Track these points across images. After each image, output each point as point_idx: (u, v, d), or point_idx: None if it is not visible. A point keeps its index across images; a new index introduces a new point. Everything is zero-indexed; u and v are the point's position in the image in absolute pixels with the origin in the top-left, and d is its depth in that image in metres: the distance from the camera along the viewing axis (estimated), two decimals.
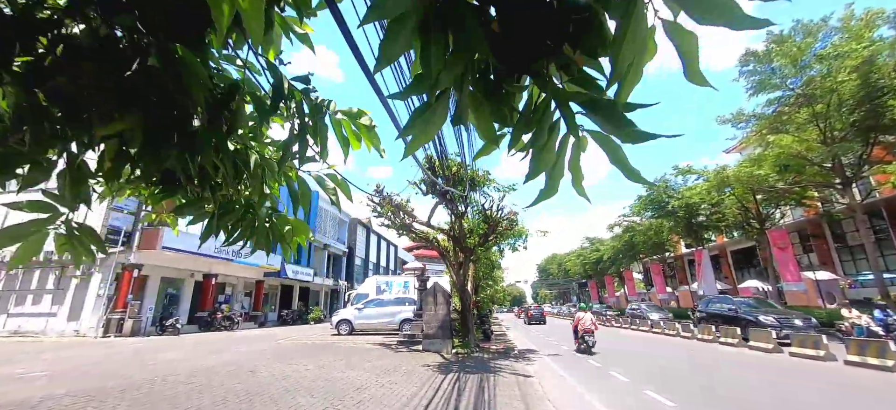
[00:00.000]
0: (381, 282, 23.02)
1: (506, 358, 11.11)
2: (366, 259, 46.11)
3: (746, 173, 20.12)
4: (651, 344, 14.80)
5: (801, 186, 20.32)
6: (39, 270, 17.90)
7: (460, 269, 13.29)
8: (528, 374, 8.99)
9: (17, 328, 17.29)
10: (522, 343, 16.89)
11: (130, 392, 5.30)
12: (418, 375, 8.06)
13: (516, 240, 14.12)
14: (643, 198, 29.87)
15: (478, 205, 12.53)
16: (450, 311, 12.47)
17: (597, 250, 44.87)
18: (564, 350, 13.97)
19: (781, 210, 24.99)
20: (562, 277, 70.86)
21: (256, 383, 6.35)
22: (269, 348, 11.53)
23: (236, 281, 25.28)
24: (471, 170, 9.39)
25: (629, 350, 13.18)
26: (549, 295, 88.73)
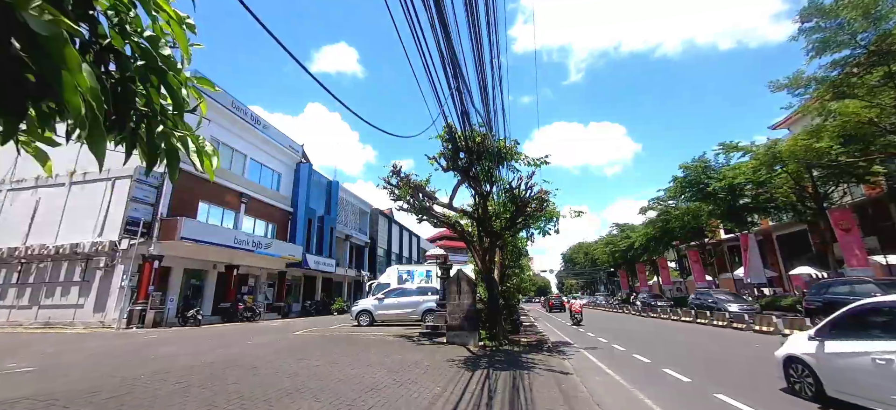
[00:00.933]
0: (403, 272, 22.27)
1: (539, 352, 10.02)
2: (388, 249, 45.74)
3: (803, 146, 17.95)
4: (727, 343, 12.48)
5: (868, 160, 17.99)
6: (67, 263, 18.10)
7: (486, 256, 12.21)
8: (567, 371, 7.88)
9: (47, 319, 17.56)
10: (555, 335, 15.72)
11: (105, 392, 4.59)
12: (441, 372, 7.10)
13: (547, 224, 12.88)
14: (679, 180, 27.72)
15: (504, 184, 11.36)
16: (475, 301, 11.46)
17: (627, 237, 42.58)
18: (603, 342, 12.72)
19: (843, 188, 22.47)
20: (589, 266, 68.52)
21: (255, 382, 5.54)
22: (284, 340, 10.88)
23: (259, 272, 25.16)
24: (498, 140, 8.27)
25: (687, 344, 11.77)
26: (576, 285, 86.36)
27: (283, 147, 27.30)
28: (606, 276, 66.52)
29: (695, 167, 26.28)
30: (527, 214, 11.82)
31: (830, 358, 5.25)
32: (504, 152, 8.76)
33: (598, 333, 15.67)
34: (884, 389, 4.45)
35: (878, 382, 4.54)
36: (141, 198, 16.89)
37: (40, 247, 18.48)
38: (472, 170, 9.71)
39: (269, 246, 22.85)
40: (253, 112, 24.22)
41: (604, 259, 50.86)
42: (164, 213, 17.72)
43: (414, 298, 16.36)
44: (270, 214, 25.78)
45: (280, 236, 26.09)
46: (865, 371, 4.70)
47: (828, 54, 15.93)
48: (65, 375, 5.64)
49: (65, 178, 19.54)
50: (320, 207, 30.47)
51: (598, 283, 72.99)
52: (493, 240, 12.06)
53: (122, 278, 16.74)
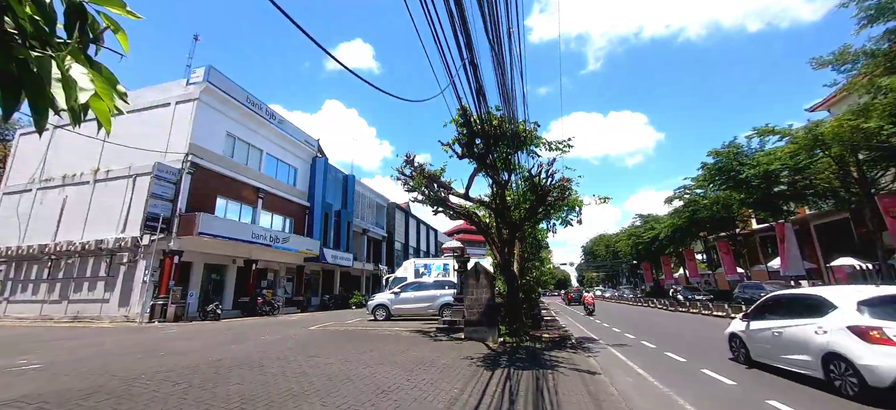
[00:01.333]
0: (420, 265, 21.96)
1: (562, 349, 9.45)
2: (406, 243, 45.65)
3: (849, 127, 16.53)
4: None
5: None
6: (93, 259, 18.54)
7: (505, 248, 11.66)
8: (594, 370, 7.31)
9: (76, 313, 18.05)
10: (578, 330, 15.07)
11: (101, 394, 4.34)
12: (459, 371, 6.65)
13: (569, 213, 12.20)
14: (709, 167, 26.27)
15: (523, 171, 10.74)
16: (494, 295, 10.95)
17: (652, 228, 41.05)
18: (631, 339, 12.02)
19: (894, 172, 20.73)
20: (610, 259, 66.83)
21: (260, 382, 5.22)
22: (298, 336, 10.67)
23: (278, 266, 25.33)
24: (516, 123, 7.67)
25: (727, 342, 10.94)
26: (596, 278, 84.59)
27: (299, 142, 27.31)
28: (629, 269, 64.75)
29: (726, 153, 24.82)
30: (547, 204, 11.19)
31: (753, 333, 7.48)
32: (523, 136, 8.15)
33: (625, 328, 14.93)
34: (776, 352, 6.81)
35: (774, 348, 6.88)
36: (160, 194, 17.04)
37: (68, 244, 19.00)
38: (489, 158, 9.15)
39: (287, 240, 22.91)
40: (268, 107, 24.22)
41: (626, 251, 49.36)
42: (183, 209, 17.87)
43: (431, 292, 15.97)
44: (287, 209, 25.87)
45: (297, 231, 26.18)
46: (768, 341, 7.00)
47: (881, 23, 14.52)
48: (68, 373, 5.47)
49: (90, 176, 20.01)
50: (337, 201, 30.47)
51: (619, 276, 71.18)
52: (512, 232, 11.50)
53: (144, 273, 17.01)
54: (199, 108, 19.23)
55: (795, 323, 6.46)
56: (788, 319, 6.67)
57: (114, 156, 19.49)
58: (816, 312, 6.19)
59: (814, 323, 6.07)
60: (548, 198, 10.89)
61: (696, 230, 35.26)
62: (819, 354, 5.84)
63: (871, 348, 5.17)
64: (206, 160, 19.52)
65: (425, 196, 11.26)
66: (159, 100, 20.09)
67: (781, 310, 7.03)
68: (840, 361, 5.53)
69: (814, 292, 6.86)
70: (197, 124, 19.08)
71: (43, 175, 21.39)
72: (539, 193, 10.47)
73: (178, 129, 19.07)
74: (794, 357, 6.40)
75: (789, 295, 7.40)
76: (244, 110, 22.24)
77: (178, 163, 18.30)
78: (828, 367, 5.74)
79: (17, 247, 20.17)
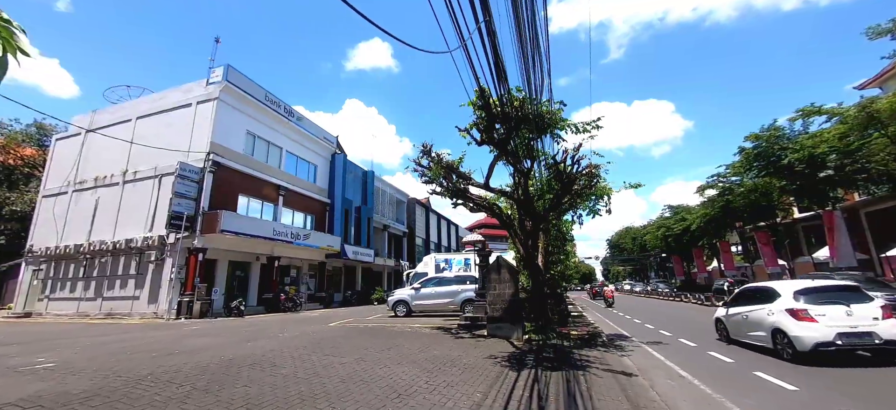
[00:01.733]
0: (441, 260, 21.56)
1: (593, 347, 8.82)
2: (427, 239, 45.44)
3: None
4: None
5: None
6: (123, 257, 19.10)
7: (528, 241, 11.06)
8: (630, 371, 6.67)
9: (109, 310, 18.65)
10: (608, 326, 14.30)
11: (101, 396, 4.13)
12: (482, 372, 6.17)
13: (596, 203, 11.46)
14: (747, 152, 24.61)
15: (547, 158, 10.08)
16: (518, 290, 10.39)
17: (682, 219, 39.13)
18: (667, 336, 11.20)
19: None
20: (637, 252, 64.53)
21: (269, 384, 4.91)
22: (316, 333, 10.44)
23: (300, 263, 25.54)
24: (539, 104, 7.05)
25: None
26: (623, 272, 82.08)
27: (318, 138, 27.37)
28: (657, 262, 62.38)
29: (766, 137, 23.16)
30: (574, 192, 10.50)
31: (730, 317, 9.28)
32: (547, 118, 7.51)
33: (659, 324, 14.04)
34: (745, 331, 8.57)
35: (743, 327, 8.63)
36: (183, 193, 17.30)
37: (100, 243, 19.65)
38: (511, 144, 8.56)
39: (307, 237, 22.99)
40: (286, 104, 24.32)
41: (655, 243, 47.40)
42: (206, 207, 18.11)
43: (452, 287, 15.54)
44: (308, 206, 26.00)
45: (318, 227, 26.30)
46: (740, 323, 8.78)
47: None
48: (77, 373, 5.33)
49: (119, 178, 20.61)
50: (357, 198, 30.46)
51: (647, 270, 68.72)
52: (535, 223, 10.88)
53: (170, 271, 17.35)
54: (219, 107, 19.42)
55: (756, 308, 8.27)
56: (752, 305, 8.48)
57: (141, 158, 20.00)
58: (769, 299, 7.98)
59: (766, 308, 7.90)
60: (574, 187, 10.20)
61: (732, 220, 33.32)
62: (769, 330, 7.70)
63: (800, 324, 7.07)
64: (227, 158, 19.73)
65: (443, 187, 10.79)
66: (182, 101, 20.43)
67: (748, 299, 8.87)
68: (781, 334, 7.38)
69: (768, 284, 8.74)
70: (217, 123, 19.28)
71: (77, 178, 22.22)
72: (564, 181, 9.80)
73: (200, 129, 19.33)
74: (754, 333, 8.25)
75: (753, 287, 9.33)
76: (263, 108, 22.38)
77: (200, 162, 18.56)
78: (774, 339, 7.58)
79: (56, 247, 21.04)
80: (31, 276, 21.80)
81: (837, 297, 7.30)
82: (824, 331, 6.79)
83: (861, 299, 7.24)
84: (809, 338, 6.84)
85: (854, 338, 6.73)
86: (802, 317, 7.07)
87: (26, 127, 30.20)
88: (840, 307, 7.06)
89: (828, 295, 7.40)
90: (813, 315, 7.00)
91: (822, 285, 7.77)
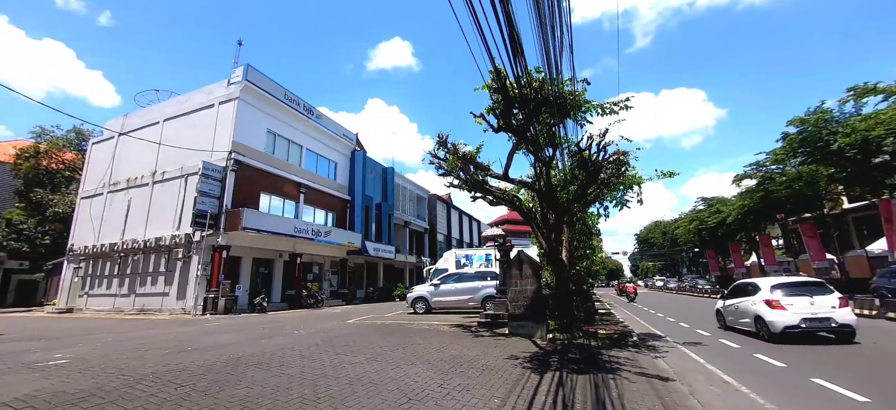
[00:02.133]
0: (461, 256, 21.14)
1: (623, 348, 8.17)
2: (448, 235, 45.13)
3: None
4: None
5: None
6: (154, 255, 19.71)
7: (551, 235, 10.46)
8: (666, 375, 6.05)
9: (142, 306, 19.32)
10: (638, 324, 13.48)
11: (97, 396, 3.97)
12: (502, 374, 5.71)
13: (625, 193, 10.71)
14: (791, 138, 22.81)
15: (571, 145, 9.42)
16: (541, 287, 9.83)
17: (717, 212, 37.06)
18: (706, 335, 10.35)
19: None
20: (667, 247, 61.95)
21: (272, 385, 4.64)
22: (332, 330, 10.25)
23: (322, 260, 25.75)
24: (560, 84, 6.44)
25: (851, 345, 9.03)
26: (653, 267, 79.17)
27: (338, 136, 27.46)
28: (690, 257, 59.67)
29: (812, 121, 21.37)
30: (600, 183, 9.81)
31: (726, 308, 11.07)
32: (569, 100, 6.89)
33: (695, 323, 13.09)
34: (736, 319, 10.42)
35: (734, 316, 10.51)
36: (207, 191, 17.62)
37: (133, 242, 20.37)
38: (530, 131, 8.00)
39: (328, 233, 23.08)
40: (306, 103, 24.47)
41: (687, 238, 45.22)
42: (229, 205, 18.40)
43: (472, 284, 15.09)
44: (329, 203, 26.14)
45: (339, 224, 26.42)
46: (732, 312, 10.64)
47: None
48: (84, 370, 5.28)
49: (148, 178, 21.29)
50: (377, 194, 30.44)
51: (679, 265, 65.87)
52: (559, 216, 10.25)
53: (197, 268, 17.74)
54: (239, 107, 19.69)
55: (744, 299, 10.04)
56: (741, 298, 10.26)
57: (168, 159, 20.57)
58: (753, 293, 9.74)
59: (750, 299, 9.66)
60: (600, 176, 9.51)
61: (772, 212, 31.19)
62: (752, 316, 9.47)
63: (773, 311, 8.82)
64: (248, 157, 20.00)
65: (461, 180, 10.33)
66: (205, 102, 20.86)
67: (739, 293, 10.57)
68: (760, 320, 9.12)
69: (753, 280, 10.54)
70: (238, 122, 19.55)
71: (111, 179, 23.15)
72: (590, 170, 9.12)
73: (223, 128, 19.66)
74: (743, 320, 9.99)
75: (742, 283, 11.05)
76: (283, 106, 22.58)
77: (223, 161, 18.87)
78: (757, 324, 9.32)
79: (93, 246, 22.02)
80: (72, 274, 22.94)
81: (804, 291, 9.02)
82: (791, 317, 8.58)
83: (823, 292, 8.93)
84: (780, 322, 8.65)
85: (816, 322, 8.50)
86: (776, 306, 8.88)
87: (67, 133, 31.90)
88: (805, 298, 8.80)
89: (797, 288, 9.18)
90: (784, 304, 8.81)
91: (793, 281, 9.70)
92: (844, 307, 8.61)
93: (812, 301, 8.71)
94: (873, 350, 7.99)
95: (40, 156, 28.38)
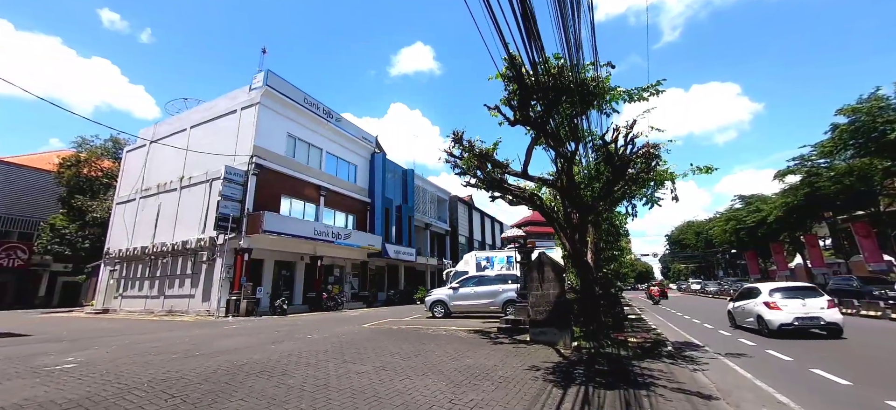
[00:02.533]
0: (482, 258, 20.62)
1: (656, 358, 7.44)
2: (470, 237, 44.57)
3: None
4: None
5: None
6: (181, 258, 20.23)
7: (575, 235, 9.81)
8: (709, 393, 5.33)
9: (170, 308, 19.84)
10: (672, 331, 12.53)
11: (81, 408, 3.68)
12: (520, 388, 5.18)
13: (655, 191, 9.92)
14: (842, 129, 21.00)
15: (595, 138, 8.76)
16: (564, 290, 9.20)
17: (757, 210, 34.75)
18: (751, 346, 9.38)
19: None
20: (702, 248, 58.89)
21: (267, 398, 4.34)
22: (346, 334, 9.97)
23: (343, 262, 25.79)
24: (581, 69, 5.83)
25: None
26: (685, 270, 75.58)
27: (357, 138, 27.51)
28: (726, 259, 56.51)
29: (866, 109, 19.57)
30: (627, 179, 9.09)
31: (736, 309, 12.69)
32: (592, 87, 6.26)
33: (736, 331, 12.02)
34: (742, 318, 12.03)
35: (741, 315, 12.17)
36: (229, 195, 17.88)
37: (162, 245, 21.00)
38: (550, 124, 7.42)
39: (348, 236, 23.06)
40: (325, 106, 24.62)
41: (723, 238, 42.73)
42: (250, 209, 18.62)
43: (493, 287, 14.55)
44: (349, 205, 26.18)
45: (359, 227, 26.41)
46: (740, 312, 12.27)
47: None
48: (83, 377, 5.16)
49: (177, 184, 21.92)
50: (397, 197, 30.31)
51: (714, 267, 62.52)
52: (583, 215, 9.60)
53: (220, 270, 18.02)
54: (260, 112, 19.95)
55: (749, 302, 11.56)
56: (747, 300, 11.79)
57: (195, 164, 21.09)
58: (755, 296, 11.29)
59: (754, 301, 11.22)
60: (628, 172, 8.81)
61: (819, 209, 28.88)
62: (755, 316, 11.02)
63: (771, 311, 10.42)
64: (269, 160, 20.23)
65: (478, 178, 9.85)
66: (228, 107, 21.29)
67: (746, 296, 12.10)
68: (761, 318, 10.71)
69: (755, 286, 12.09)
70: (259, 127, 19.81)
71: (143, 185, 24.03)
72: (616, 165, 8.44)
73: (245, 133, 19.98)
74: (748, 319, 11.52)
75: (748, 287, 12.58)
76: (302, 110, 22.77)
77: (244, 165, 19.14)
78: (758, 322, 10.84)
79: (127, 249, 22.89)
80: (108, 276, 23.93)
81: (797, 294, 10.55)
82: (786, 316, 10.09)
83: (814, 295, 10.41)
84: (776, 320, 10.19)
85: (806, 320, 9.96)
86: (773, 307, 10.44)
87: (104, 142, 33.59)
88: (798, 300, 10.30)
89: (791, 292, 10.69)
90: (780, 305, 10.36)
91: (789, 286, 11.19)
92: (832, 308, 10.08)
93: (804, 303, 10.20)
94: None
95: (81, 165, 29.94)
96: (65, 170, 29.23)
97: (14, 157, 32.51)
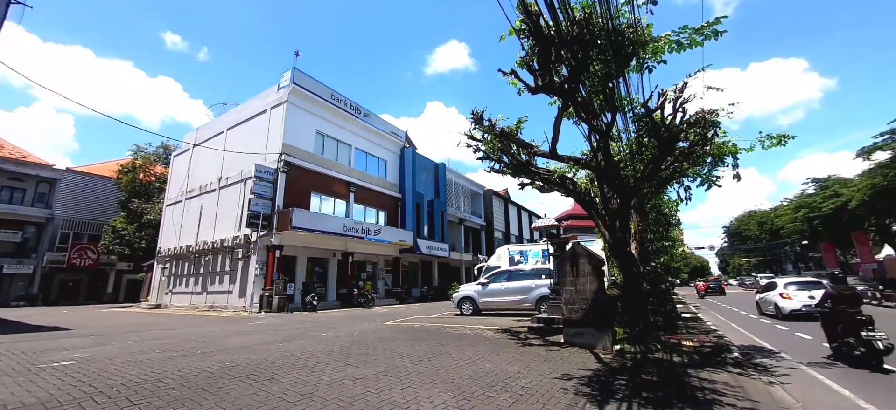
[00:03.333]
0: (515, 252, 19.47)
1: (718, 368, 6.13)
2: (506, 231, 43.20)
3: None
4: None
5: None
6: (220, 255, 20.89)
7: (615, 222, 8.56)
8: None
9: (212, 304, 20.55)
10: (736, 332, 10.83)
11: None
12: (544, 403, 4.23)
13: (713, 169, 8.43)
14: None
15: (635, 103, 7.46)
16: (603, 285, 8.03)
17: (835, 195, 30.55)
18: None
19: None
20: (766, 240, 53.28)
21: (242, 406, 3.68)
22: (362, 333, 9.40)
23: (376, 258, 25.64)
24: (616, 11, 4.68)
25: None
26: (747, 264, 69.03)
27: (386, 134, 27.22)
28: (796, 252, 50.71)
29: None
30: (678, 154, 7.72)
31: (760, 299, 15.39)
32: (629, 36, 5.06)
33: (819, 335, 10.10)
34: (765, 307, 14.77)
35: (764, 304, 14.83)
36: (260, 193, 18.11)
37: (203, 243, 21.83)
38: (581, 91, 6.30)
39: (379, 232, 22.78)
40: (353, 102, 24.49)
41: (793, 228, 38.19)
42: (281, 206, 18.77)
43: (525, 282, 13.44)
44: (379, 201, 25.96)
45: (391, 222, 26.12)
46: (763, 302, 14.96)
47: None
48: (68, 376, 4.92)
49: (216, 184, 22.72)
50: (428, 191, 29.73)
51: (782, 261, 56.44)
52: (624, 199, 8.32)
53: (255, 267, 18.32)
54: (288, 110, 20.08)
55: (769, 293, 14.32)
56: (768, 292, 14.45)
57: (232, 165, 21.71)
58: (774, 288, 14.05)
59: (772, 293, 13.96)
60: (678, 145, 7.45)
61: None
62: (773, 304, 13.66)
63: (784, 300, 13.06)
64: (298, 158, 20.34)
65: (502, 162, 8.88)
66: (260, 108, 21.69)
67: (767, 289, 15.00)
68: (777, 306, 13.32)
69: (774, 279, 15.76)
70: (288, 125, 19.94)
71: (188, 187, 25.22)
72: (663, 138, 7.10)
73: (275, 132, 20.21)
74: (768, 307, 14.18)
75: (770, 282, 15.57)
76: (330, 107, 22.74)
77: (274, 163, 19.34)
78: (776, 309, 13.40)
79: (175, 248, 24.11)
80: (160, 273, 25.40)
81: (806, 287, 13.01)
82: (795, 304, 12.68)
83: (821, 288, 11.31)
84: (788, 307, 12.82)
85: (812, 308, 11.15)
86: (786, 297, 13.06)
87: (156, 149, 35.97)
88: (806, 292, 12.73)
89: (802, 285, 13.29)
90: (791, 295, 12.99)
91: (800, 280, 13.94)
92: None
93: (811, 295, 12.24)
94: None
95: (137, 171, 32.16)
96: (123, 176, 31.52)
97: (84, 166, 35.68)
